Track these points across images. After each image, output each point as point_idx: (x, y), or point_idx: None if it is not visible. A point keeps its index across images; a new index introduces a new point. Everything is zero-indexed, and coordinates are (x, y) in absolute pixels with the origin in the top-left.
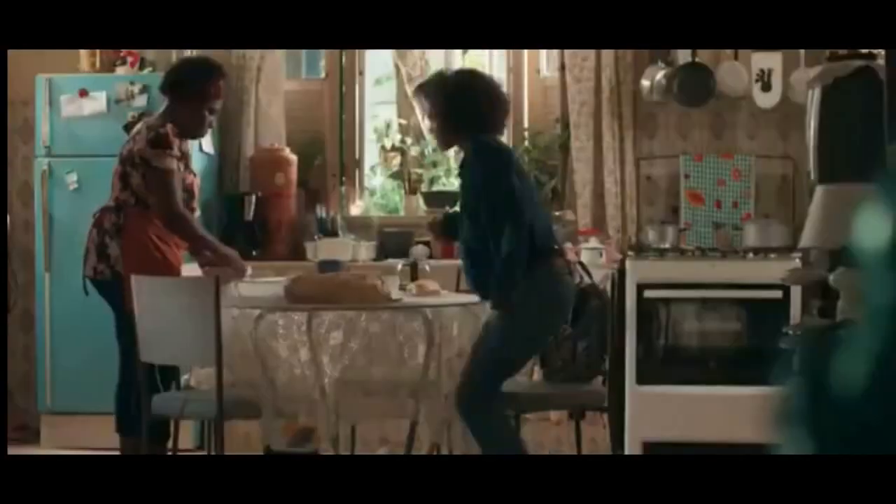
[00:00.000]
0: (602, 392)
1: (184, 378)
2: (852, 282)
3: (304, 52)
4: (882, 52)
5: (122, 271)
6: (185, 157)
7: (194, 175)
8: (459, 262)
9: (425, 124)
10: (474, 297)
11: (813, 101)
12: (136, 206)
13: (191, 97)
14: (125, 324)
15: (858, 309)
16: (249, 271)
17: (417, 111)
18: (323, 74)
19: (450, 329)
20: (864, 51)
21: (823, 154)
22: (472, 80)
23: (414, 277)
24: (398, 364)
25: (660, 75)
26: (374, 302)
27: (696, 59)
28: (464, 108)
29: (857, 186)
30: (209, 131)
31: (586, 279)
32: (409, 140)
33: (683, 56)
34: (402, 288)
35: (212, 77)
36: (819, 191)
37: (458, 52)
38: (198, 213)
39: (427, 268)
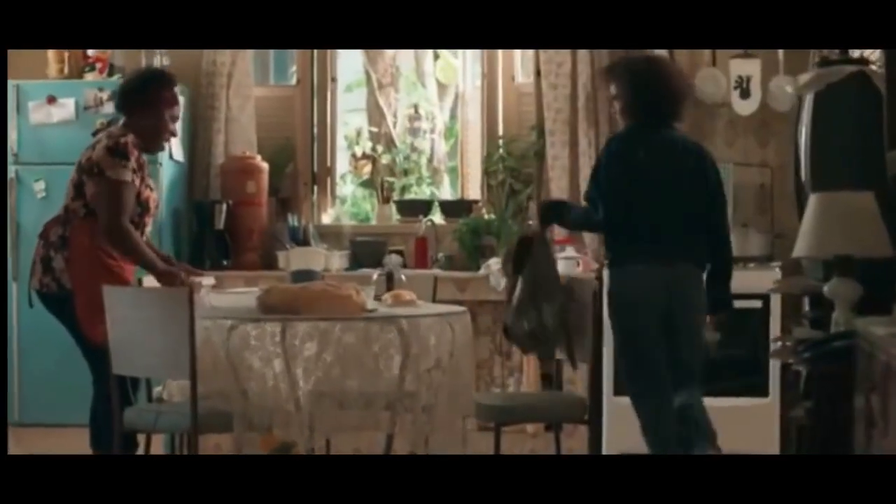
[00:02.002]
0: (582, 404)
1: (156, 390)
2: (848, 292)
3: (272, 58)
4: (874, 56)
5: (69, 284)
6: (142, 170)
7: (151, 189)
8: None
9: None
10: (452, 308)
11: (804, 107)
12: (85, 218)
13: (147, 107)
14: (81, 337)
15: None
16: (206, 282)
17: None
18: (294, 80)
19: (426, 340)
20: (857, 55)
21: (817, 161)
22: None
23: (389, 288)
24: (374, 376)
25: None
26: (350, 312)
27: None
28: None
29: (852, 194)
30: (173, 140)
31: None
32: (380, 148)
33: None
34: (378, 298)
35: (164, 84)
36: (813, 199)
37: (429, 56)
38: (149, 228)
39: (403, 278)
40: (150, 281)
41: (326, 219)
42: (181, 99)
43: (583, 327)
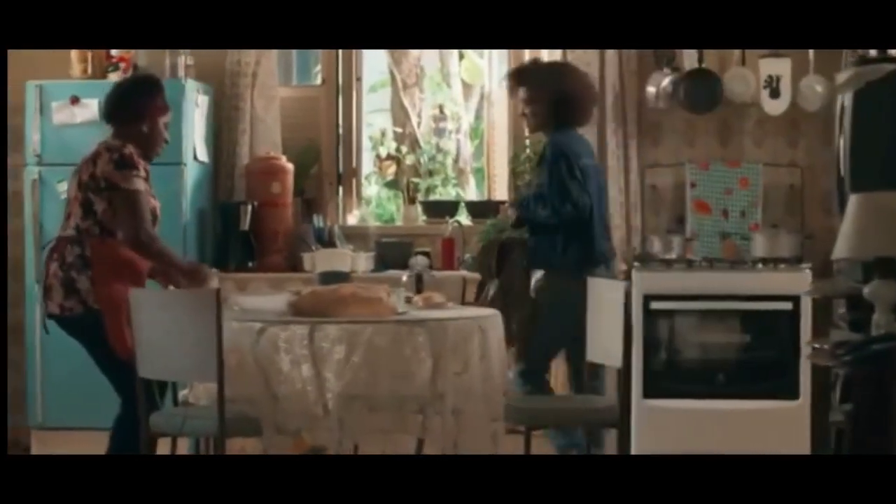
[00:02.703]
0: (613, 407)
1: (182, 393)
2: (889, 294)
3: (296, 58)
4: None
5: (96, 305)
6: (148, 179)
7: (154, 198)
8: None
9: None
10: (482, 310)
11: (843, 106)
12: (101, 236)
13: (141, 116)
14: (108, 358)
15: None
16: (216, 281)
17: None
18: (318, 80)
19: (457, 343)
20: (895, 53)
21: (856, 161)
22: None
23: (419, 290)
24: (404, 379)
25: (666, 81)
26: (381, 315)
27: (703, 65)
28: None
29: (894, 195)
30: (197, 141)
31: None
32: (404, 149)
33: (690, 62)
34: (408, 300)
35: (156, 91)
36: (853, 199)
37: (454, 57)
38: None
39: (432, 278)
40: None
41: (352, 220)
42: (205, 99)
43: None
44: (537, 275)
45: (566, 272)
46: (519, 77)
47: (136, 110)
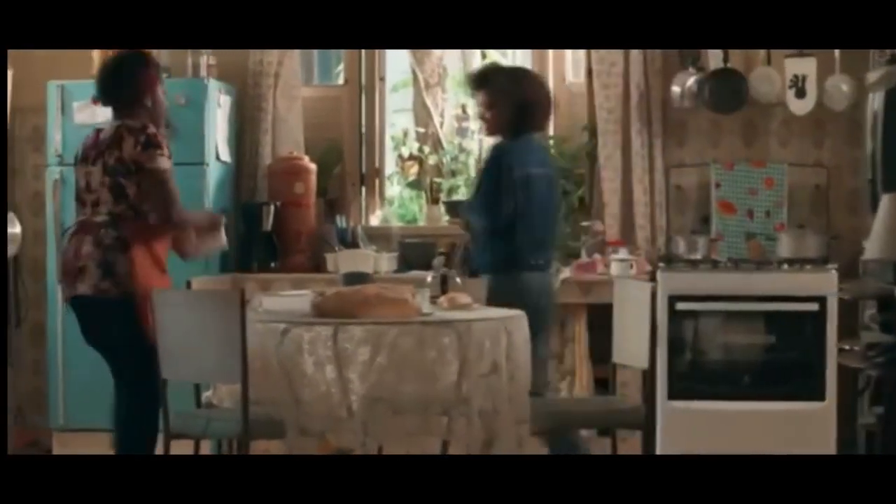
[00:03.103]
0: (639, 410)
1: (205, 395)
2: None
3: (317, 58)
4: None
5: (131, 287)
6: (171, 157)
7: None
8: None
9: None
10: (508, 311)
11: (874, 105)
12: (136, 219)
13: (141, 89)
14: (136, 342)
15: None
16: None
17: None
18: (340, 80)
19: (483, 344)
20: None
21: (889, 161)
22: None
23: (444, 290)
24: (429, 381)
25: (691, 81)
26: (406, 316)
27: (728, 65)
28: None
29: None
30: (220, 141)
31: None
32: (426, 149)
33: (715, 61)
34: (433, 301)
35: (144, 61)
36: (885, 200)
37: (477, 56)
38: None
39: (458, 280)
40: (198, 284)
41: (374, 220)
42: (227, 99)
43: None
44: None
45: (489, 275)
46: (479, 81)
47: (136, 86)
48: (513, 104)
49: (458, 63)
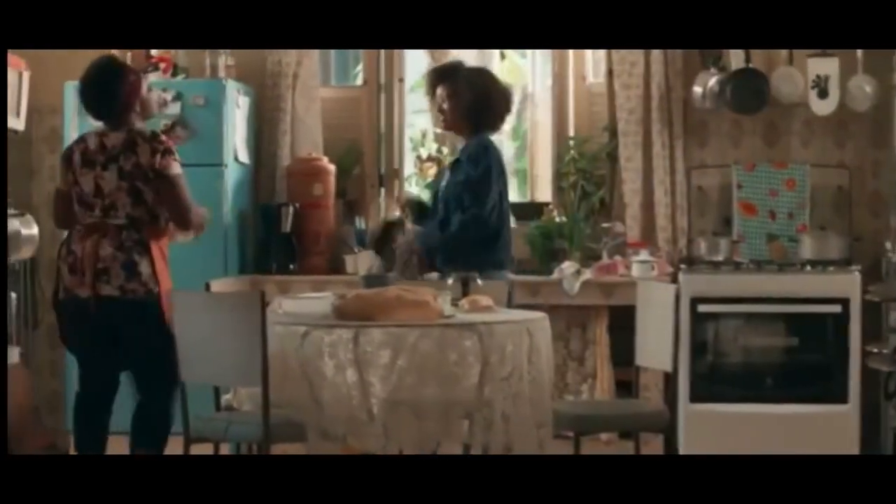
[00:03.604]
0: (664, 413)
1: (224, 398)
2: None
3: (334, 58)
4: None
5: (156, 287)
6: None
7: None
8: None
9: (441, 106)
10: (530, 314)
11: None
12: (153, 222)
13: (128, 101)
14: (162, 339)
15: None
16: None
17: (433, 95)
18: (359, 81)
19: (505, 347)
20: None
21: None
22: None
23: (465, 293)
24: (451, 384)
25: (712, 81)
26: (428, 319)
27: (750, 65)
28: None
29: None
30: (238, 142)
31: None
32: (444, 150)
33: (737, 61)
34: (454, 303)
35: (119, 72)
36: None
37: (495, 57)
38: None
39: (479, 282)
40: (217, 286)
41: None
42: (246, 100)
43: None
44: None
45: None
46: (441, 75)
47: (121, 97)
48: (471, 96)
49: (477, 61)
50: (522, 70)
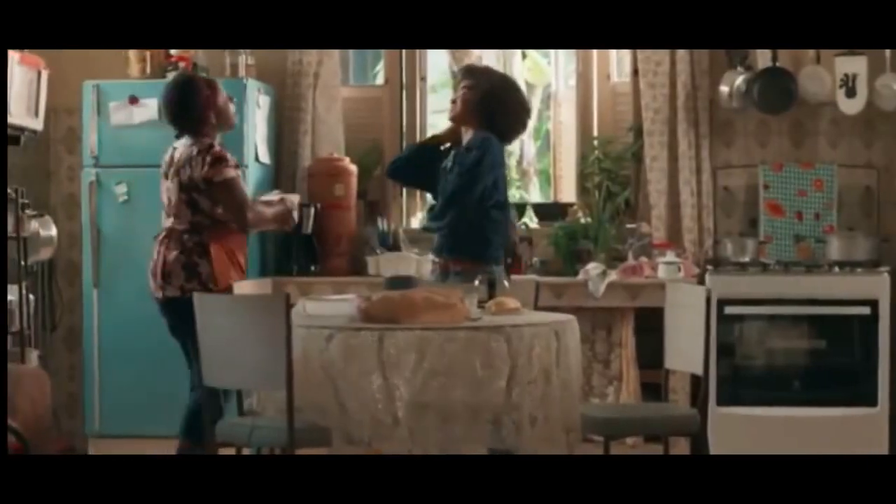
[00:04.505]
0: (694, 417)
1: (247, 402)
2: None
3: (352, 58)
4: None
5: (214, 287)
6: (238, 166)
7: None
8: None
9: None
10: (558, 316)
11: None
12: (214, 226)
13: (204, 114)
14: None
15: None
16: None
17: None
18: (380, 80)
19: (533, 349)
20: None
21: None
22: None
23: (491, 295)
24: (479, 387)
25: (739, 80)
26: (456, 321)
27: (777, 64)
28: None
29: None
30: (259, 142)
31: None
32: None
33: (763, 60)
34: (480, 305)
35: (196, 85)
36: None
37: (517, 56)
38: None
39: (506, 284)
40: (239, 288)
41: (415, 222)
42: (266, 99)
43: None
44: None
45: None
46: (469, 70)
47: (197, 110)
48: (487, 91)
49: (497, 63)
50: (544, 69)
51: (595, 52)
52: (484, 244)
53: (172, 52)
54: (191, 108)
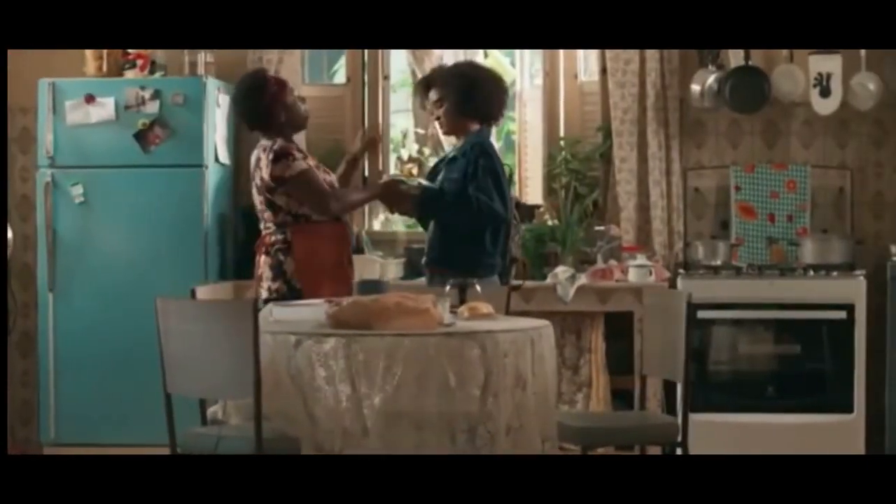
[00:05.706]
0: (675, 425)
1: (210, 410)
2: None
3: (307, 56)
4: None
5: (298, 285)
6: (307, 157)
7: (328, 173)
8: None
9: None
10: (534, 322)
11: None
12: (296, 223)
13: (272, 111)
14: None
15: None
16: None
17: (423, 102)
18: (344, 79)
19: (508, 356)
20: None
21: None
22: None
23: (462, 300)
24: (452, 396)
25: (711, 79)
26: (428, 327)
27: (750, 62)
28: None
29: None
30: (218, 142)
31: None
32: (426, 150)
33: (735, 59)
34: (453, 311)
35: (262, 84)
36: None
37: (479, 56)
38: None
39: (479, 288)
40: (203, 293)
41: (377, 225)
42: (226, 98)
43: None
44: None
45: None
46: (427, 84)
47: (264, 108)
48: (456, 95)
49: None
50: (507, 69)
51: (562, 50)
52: (475, 256)
53: (130, 49)
54: (257, 105)
